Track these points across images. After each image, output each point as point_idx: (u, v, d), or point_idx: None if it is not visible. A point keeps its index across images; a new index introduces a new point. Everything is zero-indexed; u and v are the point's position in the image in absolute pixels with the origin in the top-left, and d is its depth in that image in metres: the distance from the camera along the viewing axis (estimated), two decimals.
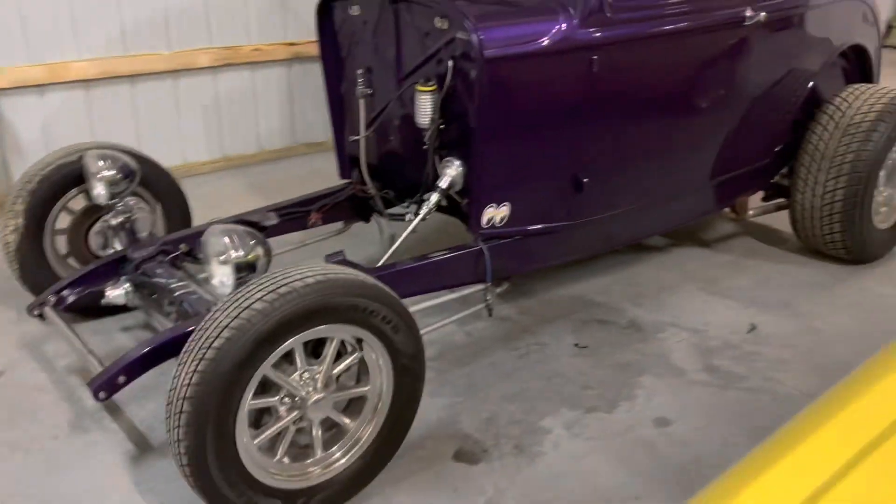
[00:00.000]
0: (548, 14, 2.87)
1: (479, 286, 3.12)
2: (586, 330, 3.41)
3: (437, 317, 3.09)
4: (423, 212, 3.06)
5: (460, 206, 3.19)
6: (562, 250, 3.30)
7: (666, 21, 3.07)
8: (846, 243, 3.87)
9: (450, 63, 2.91)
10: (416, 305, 2.95)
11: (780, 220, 4.30)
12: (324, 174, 5.30)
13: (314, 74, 5.68)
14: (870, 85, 3.91)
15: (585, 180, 3.07)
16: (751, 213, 4.03)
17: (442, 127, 3.01)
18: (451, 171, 3.04)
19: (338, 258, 2.95)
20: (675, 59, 3.18)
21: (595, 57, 2.90)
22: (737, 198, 3.88)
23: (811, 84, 3.83)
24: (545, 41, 2.83)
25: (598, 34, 2.89)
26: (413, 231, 3.09)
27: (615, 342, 3.32)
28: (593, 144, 3.09)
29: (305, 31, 5.52)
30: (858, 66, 4.19)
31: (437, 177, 3.08)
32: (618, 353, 3.24)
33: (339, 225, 3.79)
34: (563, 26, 2.85)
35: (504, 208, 3.05)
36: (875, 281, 3.86)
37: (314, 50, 5.66)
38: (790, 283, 3.85)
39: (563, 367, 3.15)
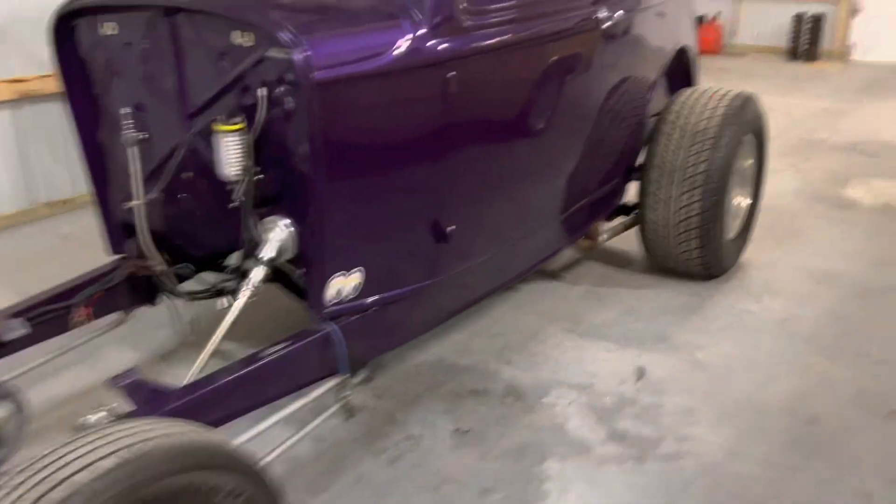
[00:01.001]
0: (388, 21, 2.20)
1: (332, 381, 2.37)
2: (461, 407, 2.77)
3: (278, 433, 2.29)
4: (244, 295, 2.25)
5: (292, 277, 2.43)
6: (428, 316, 2.65)
7: (525, 26, 2.52)
8: (703, 259, 3.58)
9: (261, 91, 2.14)
10: (250, 431, 2.15)
11: (620, 240, 3.96)
12: (79, 241, 4.21)
13: (52, 117, 4.54)
14: (704, 87, 3.66)
15: (451, 228, 2.43)
16: (603, 237, 3.62)
17: (259, 177, 2.23)
18: (278, 235, 2.27)
19: (130, 379, 2.07)
20: (535, 71, 2.64)
21: (451, 74, 2.27)
22: (593, 223, 3.45)
23: (653, 91, 3.50)
24: (389, 56, 2.15)
25: (452, 45, 2.27)
26: (234, 322, 2.27)
27: (499, 418, 2.71)
28: (456, 182, 2.46)
29: (35, 63, 4.37)
30: (680, 68, 3.95)
31: (257, 243, 2.29)
32: (507, 434, 2.63)
33: (115, 316, 2.83)
34: (410, 36, 2.19)
35: (355, 275, 2.32)
36: (735, 297, 3.61)
37: (50, 86, 4.58)
38: (655, 310, 3.48)
39: (449, 466, 2.48)
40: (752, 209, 3.93)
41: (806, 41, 10.03)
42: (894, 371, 2.99)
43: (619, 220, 3.79)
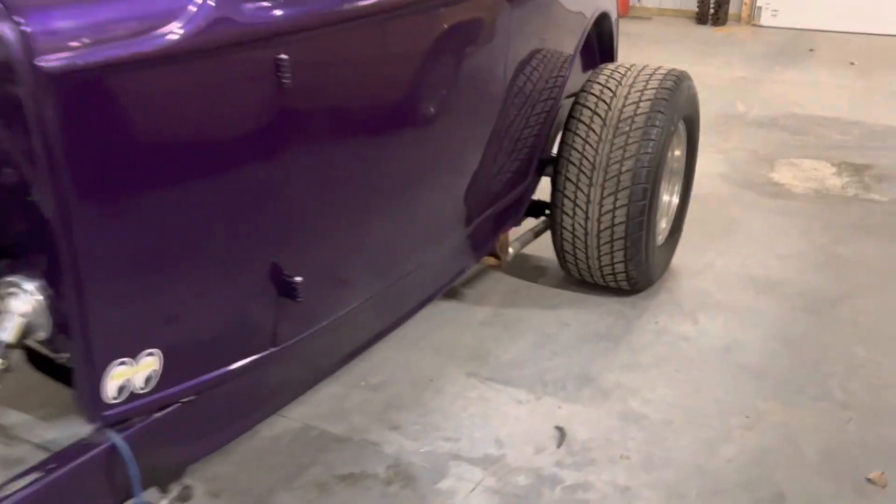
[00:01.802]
0: None
1: None
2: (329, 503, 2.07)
3: None
4: None
5: (56, 361, 1.65)
6: (274, 394, 1.91)
7: None
8: (630, 272, 2.96)
9: None
10: None
11: (531, 244, 3.30)
12: None
13: None
14: (629, 63, 3.00)
15: (299, 279, 1.69)
16: (511, 251, 2.94)
17: None
18: (21, 305, 1.47)
19: None
20: (415, 48, 1.91)
21: (284, 57, 1.51)
22: (500, 233, 2.76)
23: (569, 67, 2.81)
24: (177, 32, 1.37)
25: (283, 13, 1.50)
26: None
27: None
28: (304, 210, 1.71)
29: None
30: (598, 39, 3.28)
31: None
32: None
33: None
34: (211, 1, 1.41)
35: (148, 360, 1.56)
36: (668, 317, 3.01)
37: None
38: (574, 338, 2.85)
39: None
40: (682, 208, 3.34)
41: (714, 4, 9.62)
42: (862, 419, 2.46)
43: (529, 228, 3.12)
